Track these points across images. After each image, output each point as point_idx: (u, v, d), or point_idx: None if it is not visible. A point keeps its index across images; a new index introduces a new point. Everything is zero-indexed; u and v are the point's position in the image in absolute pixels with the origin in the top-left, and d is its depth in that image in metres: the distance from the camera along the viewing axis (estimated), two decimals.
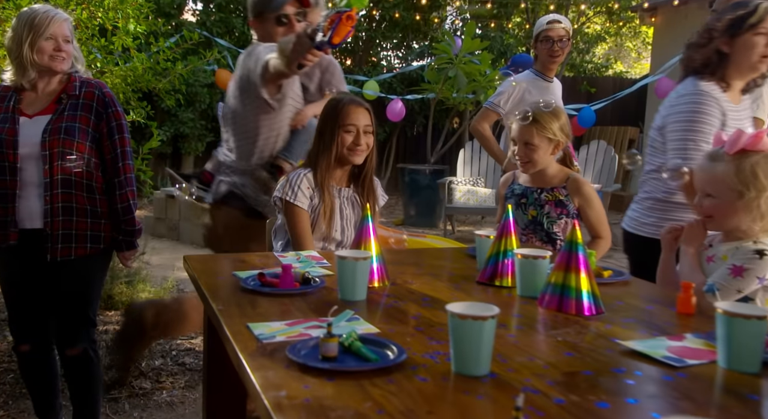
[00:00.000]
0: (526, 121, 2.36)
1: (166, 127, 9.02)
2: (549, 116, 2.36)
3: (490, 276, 1.69)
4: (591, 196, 2.44)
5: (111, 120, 2.39)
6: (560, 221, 2.42)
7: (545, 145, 2.37)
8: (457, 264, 1.97)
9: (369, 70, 10.06)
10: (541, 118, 2.36)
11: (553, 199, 2.42)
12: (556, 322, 1.38)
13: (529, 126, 2.36)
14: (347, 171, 2.43)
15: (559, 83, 3.93)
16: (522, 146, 2.39)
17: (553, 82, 3.81)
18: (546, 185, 2.46)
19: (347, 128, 2.32)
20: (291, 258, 1.96)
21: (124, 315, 3.29)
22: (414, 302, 1.51)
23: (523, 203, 2.46)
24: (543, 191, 2.44)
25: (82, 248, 2.38)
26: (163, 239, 7.04)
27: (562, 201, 2.42)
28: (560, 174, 2.47)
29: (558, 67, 3.89)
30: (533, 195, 2.45)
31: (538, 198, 2.44)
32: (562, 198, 2.42)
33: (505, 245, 1.68)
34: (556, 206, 2.42)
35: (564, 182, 2.45)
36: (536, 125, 2.36)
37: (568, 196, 2.42)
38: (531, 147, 2.37)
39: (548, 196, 2.43)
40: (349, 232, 2.41)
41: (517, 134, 2.40)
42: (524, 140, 2.38)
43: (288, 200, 2.30)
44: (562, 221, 2.42)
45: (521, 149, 2.39)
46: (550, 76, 3.78)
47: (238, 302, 1.49)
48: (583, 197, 2.42)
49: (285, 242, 2.43)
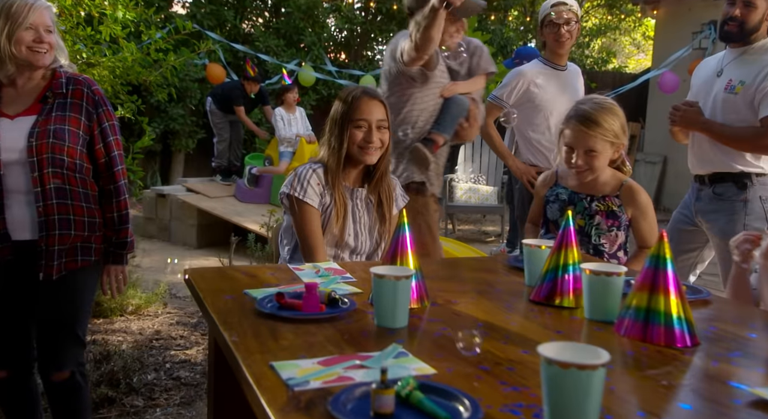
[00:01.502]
0: (585, 123, 2.07)
1: (156, 123, 8.70)
2: (609, 115, 2.09)
3: (548, 295, 1.45)
4: (647, 206, 2.19)
5: (103, 121, 2.13)
6: (610, 233, 2.17)
7: (607, 149, 2.11)
8: (499, 277, 1.73)
9: (365, 64, 9.79)
10: (602, 119, 2.08)
11: (605, 209, 2.16)
12: (648, 357, 1.14)
13: (590, 129, 2.07)
14: (360, 170, 2.18)
15: (577, 69, 3.64)
16: (581, 154, 2.10)
17: (566, 70, 3.49)
18: (597, 192, 2.20)
19: (357, 123, 2.07)
20: (308, 271, 1.71)
21: None
22: (464, 328, 1.26)
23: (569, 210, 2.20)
24: (594, 200, 2.18)
25: (72, 262, 2.13)
26: (153, 240, 6.76)
27: (614, 212, 2.16)
28: (613, 181, 2.20)
29: (569, 52, 3.58)
30: (582, 203, 2.19)
31: (588, 207, 2.17)
32: (615, 209, 2.16)
33: (565, 258, 1.44)
34: (607, 218, 2.16)
35: (617, 190, 2.19)
36: (598, 128, 2.08)
37: (621, 206, 2.17)
38: (593, 154, 2.09)
39: (600, 205, 2.16)
40: (364, 237, 2.16)
41: (574, 140, 2.11)
42: (586, 147, 2.09)
43: (297, 196, 2.05)
44: (612, 233, 2.17)
45: (581, 156, 2.10)
46: (562, 64, 3.46)
47: (255, 330, 1.23)
48: (638, 207, 2.17)
49: (293, 247, 2.18)
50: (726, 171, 2.68)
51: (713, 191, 2.71)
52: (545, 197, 2.29)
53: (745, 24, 2.62)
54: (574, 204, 2.19)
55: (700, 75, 2.89)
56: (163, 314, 4.29)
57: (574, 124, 2.10)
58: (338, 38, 10.27)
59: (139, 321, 4.10)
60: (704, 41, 8.69)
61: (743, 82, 2.60)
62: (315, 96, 9.35)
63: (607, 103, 2.12)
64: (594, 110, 2.08)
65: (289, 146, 6.77)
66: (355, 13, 10.16)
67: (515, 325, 1.29)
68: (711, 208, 2.73)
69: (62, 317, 2.17)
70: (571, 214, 1.46)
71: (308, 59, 9.13)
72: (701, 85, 2.82)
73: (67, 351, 2.19)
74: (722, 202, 2.69)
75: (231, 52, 8.48)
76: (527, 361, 1.09)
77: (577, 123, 2.08)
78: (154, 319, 4.16)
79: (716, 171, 2.71)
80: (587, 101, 2.13)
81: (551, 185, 2.29)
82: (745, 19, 2.61)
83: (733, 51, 2.73)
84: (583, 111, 2.09)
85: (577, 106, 2.14)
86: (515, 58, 6.44)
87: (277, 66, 8.77)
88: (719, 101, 2.67)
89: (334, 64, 9.38)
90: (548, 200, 2.26)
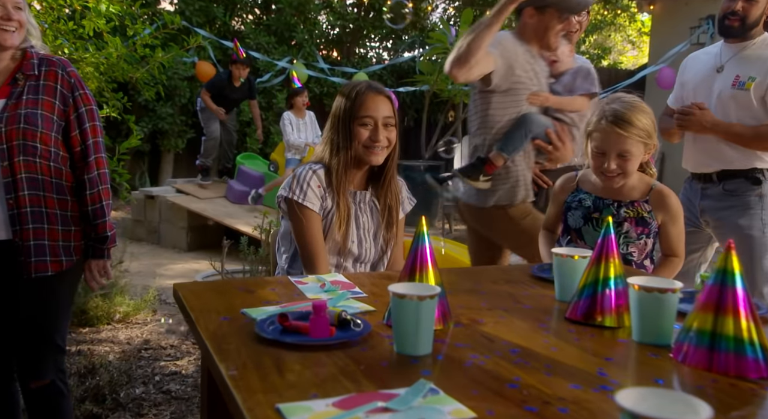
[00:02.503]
0: (618, 124, 1.89)
1: (144, 122, 8.50)
2: (641, 113, 1.91)
3: (586, 313, 1.28)
4: (678, 211, 2.02)
5: (79, 105, 1.97)
6: (639, 241, 2.00)
7: (640, 151, 1.93)
8: (524, 290, 1.55)
9: (358, 61, 9.61)
10: (635, 118, 1.90)
11: (634, 215, 1.99)
12: (723, 392, 0.97)
13: (624, 130, 1.89)
14: (365, 172, 2.01)
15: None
16: (614, 157, 1.92)
17: None
18: (624, 197, 2.02)
19: (363, 120, 1.90)
20: (312, 285, 1.53)
21: None
22: (501, 357, 1.09)
23: (595, 217, 2.03)
24: (621, 206, 2.01)
25: (57, 263, 1.97)
26: (142, 243, 6.56)
27: (644, 218, 1.99)
28: (641, 184, 2.03)
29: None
30: (609, 210, 2.01)
31: (616, 214, 2.00)
32: (645, 215, 1.99)
33: (605, 271, 1.27)
34: (636, 224, 1.99)
35: (646, 195, 2.02)
36: (632, 128, 1.90)
37: (651, 212, 2.00)
38: (627, 157, 1.92)
39: (629, 212, 1.99)
40: (368, 244, 1.99)
41: (606, 142, 1.92)
42: (619, 150, 1.91)
43: (296, 200, 1.88)
44: (641, 241, 2.00)
45: (613, 160, 1.92)
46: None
47: (256, 361, 1.05)
48: (669, 212, 2.00)
49: (291, 255, 2.01)
50: (737, 168, 2.63)
51: (723, 188, 2.66)
52: (565, 202, 2.12)
53: (746, 19, 2.60)
54: (599, 211, 2.02)
55: (695, 71, 2.81)
56: (152, 321, 4.10)
57: (605, 125, 1.91)
58: (330, 35, 10.08)
59: (127, 329, 3.91)
60: (702, 36, 8.57)
61: (753, 78, 2.56)
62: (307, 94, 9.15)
63: (636, 101, 1.96)
64: (625, 109, 1.91)
65: (296, 153, 6.46)
66: (347, 10, 9.97)
67: (556, 351, 1.12)
68: (722, 205, 2.66)
69: (40, 322, 2.00)
70: (611, 221, 1.28)
71: (300, 57, 8.94)
72: (700, 82, 2.74)
73: (46, 358, 2.03)
74: (735, 198, 2.64)
75: (221, 49, 8.28)
76: (581, 399, 0.92)
77: (610, 124, 1.90)
78: (143, 327, 3.97)
79: (725, 168, 2.65)
80: (615, 100, 1.96)
81: (572, 191, 2.12)
82: (746, 14, 2.58)
83: (732, 46, 2.68)
84: (614, 111, 1.91)
85: (606, 106, 1.96)
86: None
87: (268, 63, 8.58)
88: (726, 98, 2.62)
89: (326, 62, 9.19)
90: (569, 207, 2.09)
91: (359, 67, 9.20)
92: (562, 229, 2.14)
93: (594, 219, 2.02)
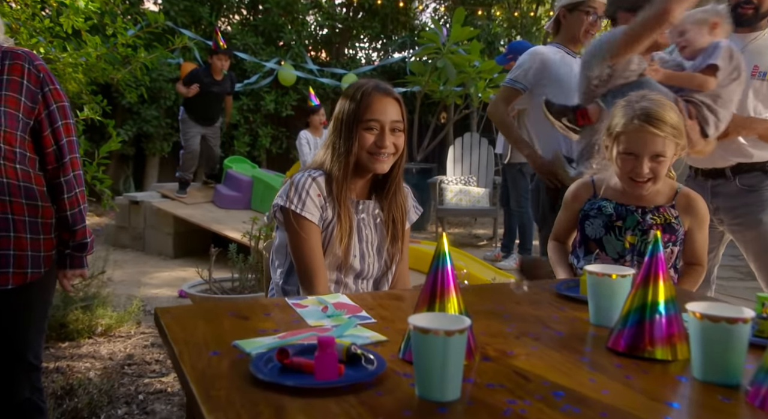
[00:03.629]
0: (653, 122, 1.72)
1: (128, 126, 8.27)
2: (670, 110, 1.76)
3: (632, 343, 1.10)
4: (706, 216, 1.88)
5: (50, 102, 1.79)
6: (665, 250, 1.84)
7: (672, 153, 1.78)
8: (552, 312, 1.38)
9: (347, 62, 9.43)
10: (667, 115, 1.75)
11: (661, 222, 1.83)
12: None
13: (660, 129, 1.74)
14: (368, 179, 1.84)
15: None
16: (647, 160, 1.76)
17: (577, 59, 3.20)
18: (648, 202, 1.86)
19: (368, 124, 1.73)
20: (313, 309, 1.35)
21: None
22: (544, 402, 0.92)
23: (618, 226, 1.87)
24: (647, 212, 1.85)
25: (20, 275, 1.79)
26: (126, 250, 6.34)
27: (672, 225, 1.84)
28: (665, 188, 1.87)
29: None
30: (633, 217, 1.86)
31: (641, 221, 1.84)
32: (673, 221, 1.84)
33: (654, 294, 1.10)
34: (664, 232, 1.83)
35: (672, 199, 1.87)
36: (666, 127, 1.74)
37: (678, 218, 1.85)
38: (661, 160, 1.76)
39: (656, 218, 1.83)
40: (371, 259, 1.82)
41: (640, 144, 1.76)
42: (653, 151, 1.75)
43: (294, 210, 1.70)
44: (667, 250, 1.84)
45: (646, 163, 1.76)
46: (577, 51, 3.18)
47: (252, 412, 0.87)
48: (697, 217, 1.85)
49: (286, 270, 1.83)
50: (754, 161, 2.55)
51: (739, 183, 2.56)
52: (582, 211, 1.95)
53: (760, 7, 2.52)
54: (622, 218, 1.86)
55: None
56: (136, 334, 3.90)
57: (637, 124, 1.74)
58: (319, 36, 9.89)
59: (110, 343, 3.70)
60: None
61: None
62: (296, 96, 8.97)
63: (662, 97, 1.81)
64: (657, 107, 1.75)
65: None
66: (336, 10, 9.79)
67: (608, 393, 0.94)
68: (739, 202, 2.57)
69: (9, 337, 1.83)
70: (660, 235, 1.11)
71: (288, 58, 8.75)
72: None
73: (18, 376, 1.86)
74: (753, 193, 2.55)
75: (207, 50, 8.06)
76: None
77: (643, 123, 1.73)
78: (126, 341, 3.76)
79: (743, 162, 2.56)
80: (641, 98, 1.80)
81: (589, 198, 1.96)
82: (760, 3, 2.51)
83: (740, 37, 2.56)
84: (645, 109, 1.75)
85: (634, 104, 1.80)
86: (508, 53, 6.11)
87: (255, 65, 8.39)
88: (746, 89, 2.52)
89: (315, 63, 9.01)
90: (587, 215, 1.92)
91: (349, 68, 9.02)
92: (579, 239, 1.97)
93: (616, 228, 1.86)
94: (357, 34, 9.98)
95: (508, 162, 5.87)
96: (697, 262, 1.94)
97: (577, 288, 1.49)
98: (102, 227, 6.96)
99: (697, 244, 1.89)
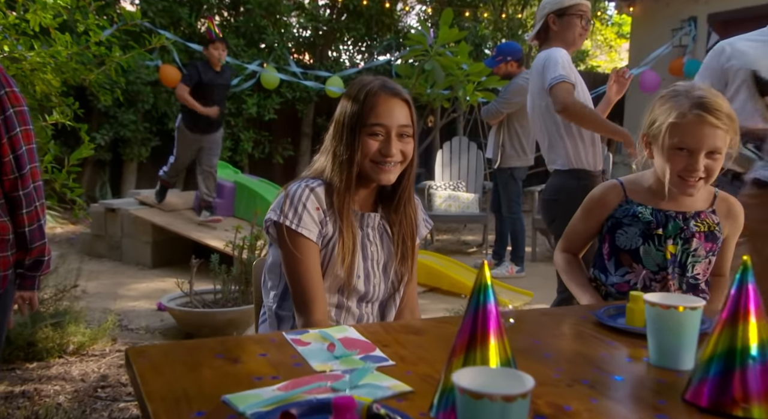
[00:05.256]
0: (712, 112, 1.55)
1: (104, 130, 7.97)
2: (722, 99, 1.58)
3: (718, 398, 0.90)
4: (742, 223, 1.71)
5: (6, 107, 1.59)
6: (705, 260, 1.66)
7: (726, 149, 1.60)
8: (601, 348, 1.17)
9: (331, 65, 9.20)
10: (723, 104, 1.57)
11: (704, 229, 1.64)
12: None
13: (720, 120, 1.56)
14: (372, 190, 1.62)
15: None
16: (703, 156, 1.58)
17: None
18: (688, 207, 1.68)
19: (372, 129, 1.52)
20: (317, 347, 1.13)
21: None
22: None
23: (658, 234, 1.67)
24: (688, 218, 1.66)
25: None
26: (102, 260, 6.06)
27: (714, 233, 1.65)
28: (703, 191, 1.69)
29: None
30: (676, 223, 1.66)
31: (685, 228, 1.65)
32: (716, 229, 1.66)
33: (744, 336, 0.89)
34: (706, 240, 1.65)
35: (711, 204, 1.69)
36: (724, 117, 1.56)
37: (719, 224, 1.67)
38: (716, 157, 1.58)
39: (699, 225, 1.65)
40: (377, 280, 1.60)
41: (694, 137, 1.58)
42: (711, 146, 1.57)
43: (289, 225, 1.48)
44: (706, 260, 1.66)
45: (701, 159, 1.58)
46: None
47: None
48: (736, 223, 1.69)
49: (281, 292, 1.61)
50: None
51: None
52: (612, 218, 1.75)
53: None
54: (662, 226, 1.66)
55: None
56: (111, 352, 3.64)
57: (696, 115, 1.55)
58: (302, 38, 9.66)
59: (82, 363, 3.45)
60: (684, 38, 8.38)
61: None
62: (278, 99, 8.73)
63: (708, 87, 1.63)
64: (712, 96, 1.58)
65: None
66: (319, 11, 9.57)
67: None
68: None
69: None
70: (750, 262, 0.91)
71: (270, 60, 8.51)
72: None
73: None
74: None
75: (186, 52, 7.81)
76: None
77: (703, 113, 1.54)
78: (100, 360, 3.51)
79: None
80: (690, 87, 1.62)
81: (620, 203, 1.76)
82: None
83: None
84: (702, 97, 1.56)
85: (688, 93, 1.61)
86: (497, 55, 5.96)
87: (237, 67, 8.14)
88: None
89: (298, 65, 8.77)
90: (619, 223, 1.72)
91: (333, 71, 8.80)
92: (608, 251, 1.77)
93: (656, 237, 1.66)
94: (341, 36, 9.77)
95: (499, 167, 5.69)
96: (722, 273, 1.77)
97: (622, 317, 1.29)
98: (77, 235, 6.66)
99: (728, 254, 1.73)
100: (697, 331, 0.98)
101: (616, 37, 15.86)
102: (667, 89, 1.68)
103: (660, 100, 1.68)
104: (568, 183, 2.82)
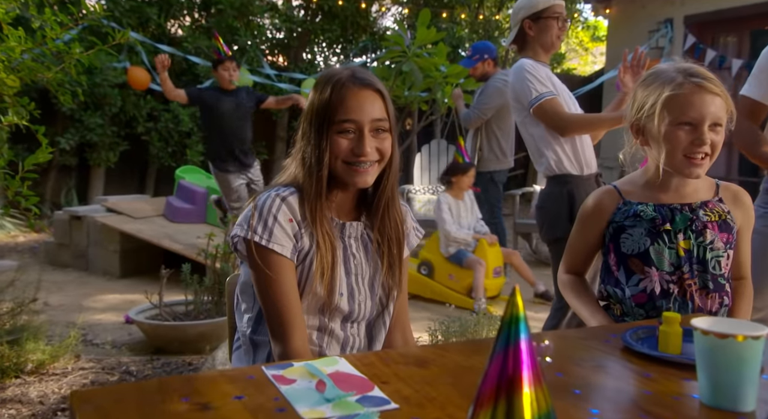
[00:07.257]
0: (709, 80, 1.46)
1: (70, 134, 7.66)
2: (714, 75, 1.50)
3: None
4: (753, 212, 1.59)
5: None
6: (724, 255, 1.52)
7: (725, 121, 1.50)
8: (639, 382, 1.00)
9: (306, 67, 9.00)
10: (715, 79, 1.49)
11: (715, 218, 1.51)
12: None
13: (715, 86, 1.47)
14: (354, 194, 1.44)
15: None
16: (704, 129, 1.46)
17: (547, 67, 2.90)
18: (691, 198, 1.55)
19: (342, 126, 1.33)
20: (303, 385, 0.94)
21: None
22: None
23: (666, 230, 1.52)
24: (695, 208, 1.53)
25: None
26: (67, 270, 5.79)
27: (727, 222, 1.52)
28: (703, 182, 1.58)
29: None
30: (683, 216, 1.52)
31: (695, 219, 1.51)
32: (728, 217, 1.52)
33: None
34: (720, 230, 1.51)
35: (715, 193, 1.56)
36: (719, 84, 1.48)
37: (730, 213, 1.54)
38: (718, 130, 1.48)
39: (709, 214, 1.51)
40: (362, 296, 1.42)
41: (694, 108, 1.46)
42: (714, 117, 1.46)
43: (258, 242, 1.29)
44: (727, 253, 1.52)
45: (704, 133, 1.46)
46: (547, 63, 2.90)
47: None
48: (747, 212, 1.57)
49: (255, 316, 1.42)
50: None
51: None
52: (612, 224, 1.60)
53: None
54: (669, 221, 1.52)
55: None
56: (74, 371, 3.40)
57: (694, 83, 1.46)
58: (276, 39, 9.44)
59: (41, 383, 3.20)
60: (661, 40, 8.36)
61: None
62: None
63: None
64: (697, 65, 1.50)
65: (463, 246, 5.04)
66: (293, 12, 9.36)
67: None
68: None
69: None
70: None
71: (243, 62, 8.28)
72: None
73: None
74: None
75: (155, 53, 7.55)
76: None
77: (700, 80, 1.46)
78: (61, 379, 3.26)
79: None
80: (672, 63, 1.53)
81: (617, 205, 1.61)
82: None
83: None
84: (690, 67, 1.49)
85: (673, 67, 1.52)
86: (473, 54, 5.81)
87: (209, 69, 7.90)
88: None
89: (272, 67, 8.56)
90: (622, 227, 1.57)
91: (308, 73, 8.60)
92: (615, 261, 1.61)
93: (664, 233, 1.51)
94: (316, 37, 9.57)
95: (478, 171, 5.55)
96: (742, 275, 1.62)
97: (650, 340, 1.12)
98: (39, 244, 6.35)
99: (745, 251, 1.59)
100: (759, 364, 0.82)
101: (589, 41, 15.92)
102: (645, 74, 1.58)
103: (641, 84, 1.57)
104: (552, 190, 2.73)
